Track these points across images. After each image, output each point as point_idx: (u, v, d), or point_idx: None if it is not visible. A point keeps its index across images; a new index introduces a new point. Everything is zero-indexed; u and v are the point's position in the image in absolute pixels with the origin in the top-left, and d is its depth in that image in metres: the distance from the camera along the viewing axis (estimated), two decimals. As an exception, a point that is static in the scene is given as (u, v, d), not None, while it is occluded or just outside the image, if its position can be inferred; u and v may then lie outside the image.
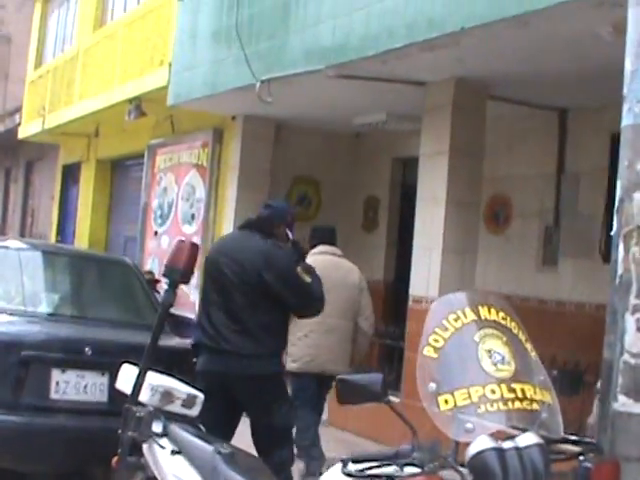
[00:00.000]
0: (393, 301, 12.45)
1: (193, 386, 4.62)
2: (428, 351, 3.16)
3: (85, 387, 6.22)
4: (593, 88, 8.66)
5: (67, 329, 6.71)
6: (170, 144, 14.83)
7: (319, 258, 7.45)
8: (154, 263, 14.79)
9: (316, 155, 13.05)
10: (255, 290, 5.73)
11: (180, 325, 8.81)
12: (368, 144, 13.18)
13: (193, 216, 13.78)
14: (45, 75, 19.73)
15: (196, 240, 12.47)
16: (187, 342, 7.05)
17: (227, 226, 12.43)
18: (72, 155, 19.93)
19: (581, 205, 9.77)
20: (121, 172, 18.36)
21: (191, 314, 12.63)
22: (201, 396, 4.43)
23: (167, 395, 4.24)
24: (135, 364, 4.58)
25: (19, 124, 21.05)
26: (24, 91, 21.05)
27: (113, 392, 5.84)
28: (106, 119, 16.34)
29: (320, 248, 7.86)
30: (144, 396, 4.18)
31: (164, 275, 4.08)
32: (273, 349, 5.84)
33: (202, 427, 4.57)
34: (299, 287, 5.81)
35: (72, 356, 6.26)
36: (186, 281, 4.10)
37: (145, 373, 4.13)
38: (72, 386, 6.20)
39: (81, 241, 18.60)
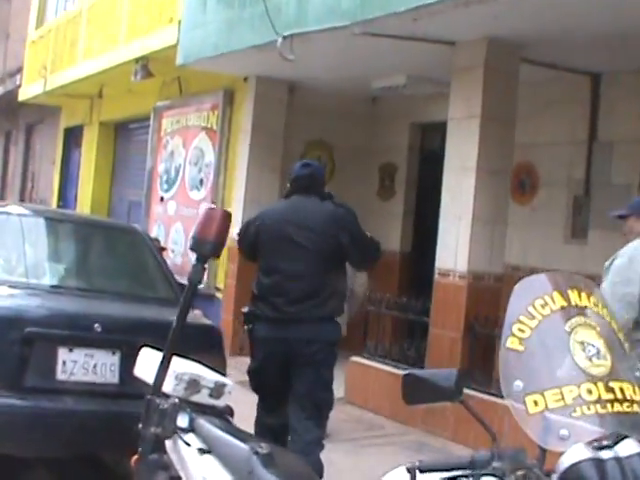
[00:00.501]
0: (410, 273, 12.17)
1: (218, 372, 4.13)
2: (512, 343, 2.68)
3: (94, 367, 5.71)
4: (630, 50, 8.36)
5: (74, 303, 6.17)
6: (177, 106, 14.41)
7: None
8: (160, 230, 14.42)
9: (330, 119, 12.71)
10: (328, 254, 5.72)
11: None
12: (385, 108, 12.82)
13: (202, 181, 13.35)
14: (47, 35, 19.31)
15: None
16: (201, 315, 6.61)
17: (238, 191, 12.07)
18: (74, 118, 19.61)
19: (614, 174, 9.45)
20: (125, 135, 18.00)
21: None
22: (230, 384, 3.93)
23: (193, 384, 3.73)
24: (153, 346, 4.11)
25: (19, 86, 20.65)
26: (25, 51, 20.60)
27: (124, 372, 5.49)
28: (111, 80, 15.88)
29: None
30: (168, 386, 3.66)
31: (192, 249, 3.56)
32: (337, 312, 5.83)
33: (230, 419, 4.07)
34: (367, 241, 5.89)
35: (80, 333, 5.73)
36: (218, 255, 3.59)
37: (170, 360, 3.62)
38: (80, 366, 5.67)
39: (83, 206, 18.33)
